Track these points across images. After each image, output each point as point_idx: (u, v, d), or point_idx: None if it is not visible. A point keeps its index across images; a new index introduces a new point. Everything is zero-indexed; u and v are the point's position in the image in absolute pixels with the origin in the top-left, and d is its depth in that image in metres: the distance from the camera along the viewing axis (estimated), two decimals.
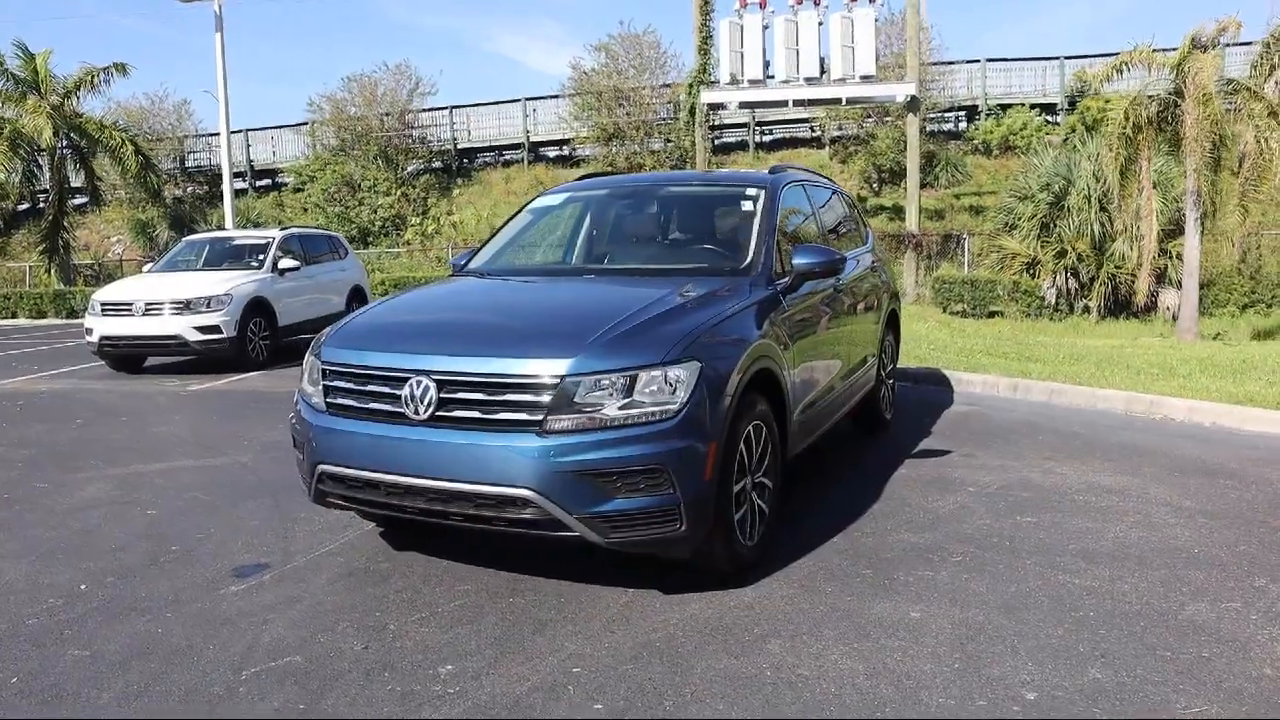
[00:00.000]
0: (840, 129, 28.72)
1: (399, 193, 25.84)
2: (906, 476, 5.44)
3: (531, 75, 69.92)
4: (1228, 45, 11.53)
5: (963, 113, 28.71)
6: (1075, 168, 18.82)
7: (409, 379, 3.49)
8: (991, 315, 18.61)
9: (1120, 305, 18.48)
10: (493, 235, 5.18)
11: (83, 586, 3.96)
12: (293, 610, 3.62)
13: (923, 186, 26.93)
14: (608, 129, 27.26)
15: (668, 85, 28.00)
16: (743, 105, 22.43)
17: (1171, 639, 3.28)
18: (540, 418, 3.32)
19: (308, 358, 4.05)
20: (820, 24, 20.91)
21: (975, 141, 27.41)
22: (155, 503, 5.23)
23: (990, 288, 18.86)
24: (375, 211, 25.39)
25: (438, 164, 28.09)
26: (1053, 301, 18.70)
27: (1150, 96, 11.61)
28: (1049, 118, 27.31)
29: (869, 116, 27.25)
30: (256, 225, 23.17)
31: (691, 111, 23.19)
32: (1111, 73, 12.22)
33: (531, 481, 3.27)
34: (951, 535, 4.40)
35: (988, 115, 27.57)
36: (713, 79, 22.49)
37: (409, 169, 27.21)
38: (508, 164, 29.37)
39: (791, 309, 4.39)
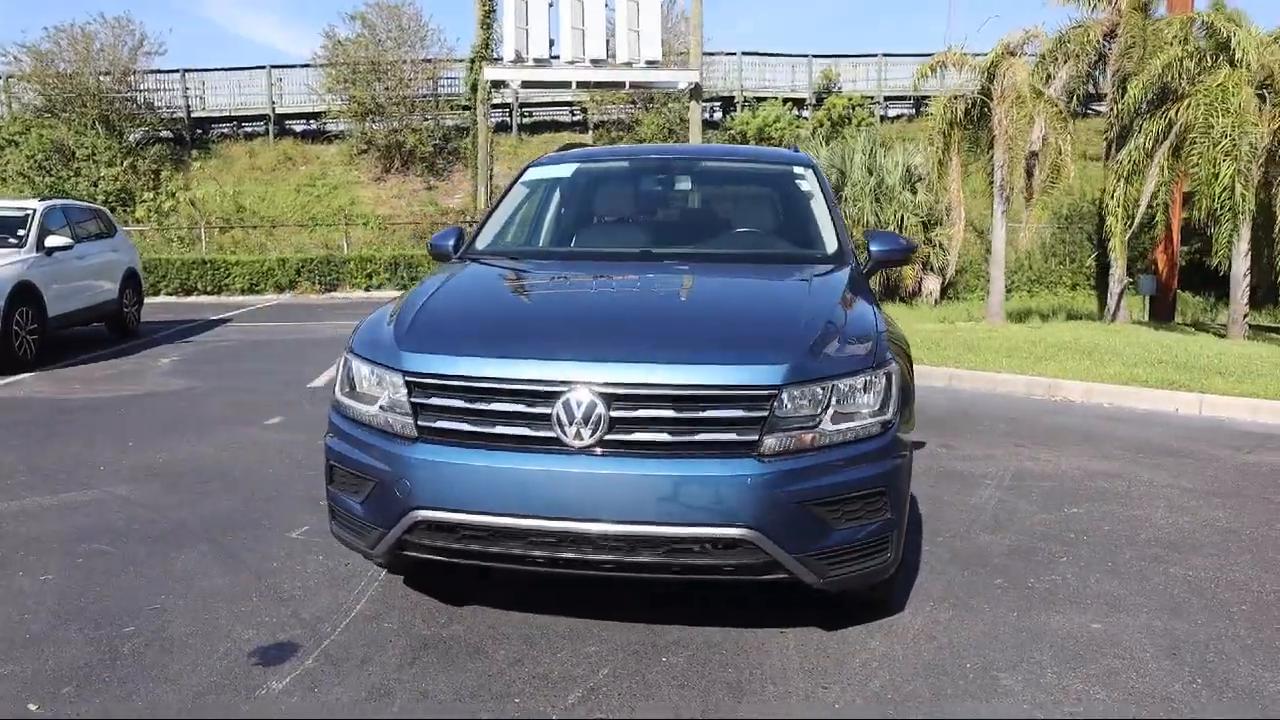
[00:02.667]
0: (606, 113, 28.64)
1: (126, 164, 22.41)
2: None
3: (246, 43, 63.97)
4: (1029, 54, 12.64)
5: (718, 103, 29.63)
6: (849, 160, 20.00)
7: (561, 394, 2.70)
8: None
9: (890, 290, 19.94)
10: (490, 214, 4.30)
11: (32, 706, 2.76)
12: (393, 708, 2.71)
13: None
14: (366, 104, 25.31)
15: (429, 60, 26.55)
16: (526, 84, 21.69)
17: None
18: (754, 438, 2.68)
19: (359, 365, 3.05)
20: (606, 5, 20.66)
21: (732, 131, 28.30)
22: (39, 561, 3.87)
23: None
24: (96, 184, 21.84)
25: (167, 133, 24.72)
26: None
27: (959, 96, 12.46)
28: (799, 112, 28.80)
29: (634, 102, 27.35)
30: None
31: (474, 88, 22.07)
32: (928, 72, 12.97)
33: (752, 518, 2.64)
34: (1029, 533, 4.23)
35: (744, 107, 28.62)
36: (495, 56, 21.53)
37: (134, 137, 23.71)
38: (250, 136, 26.50)
39: None
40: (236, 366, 9.33)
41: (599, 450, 2.68)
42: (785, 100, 28.27)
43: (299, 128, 27.26)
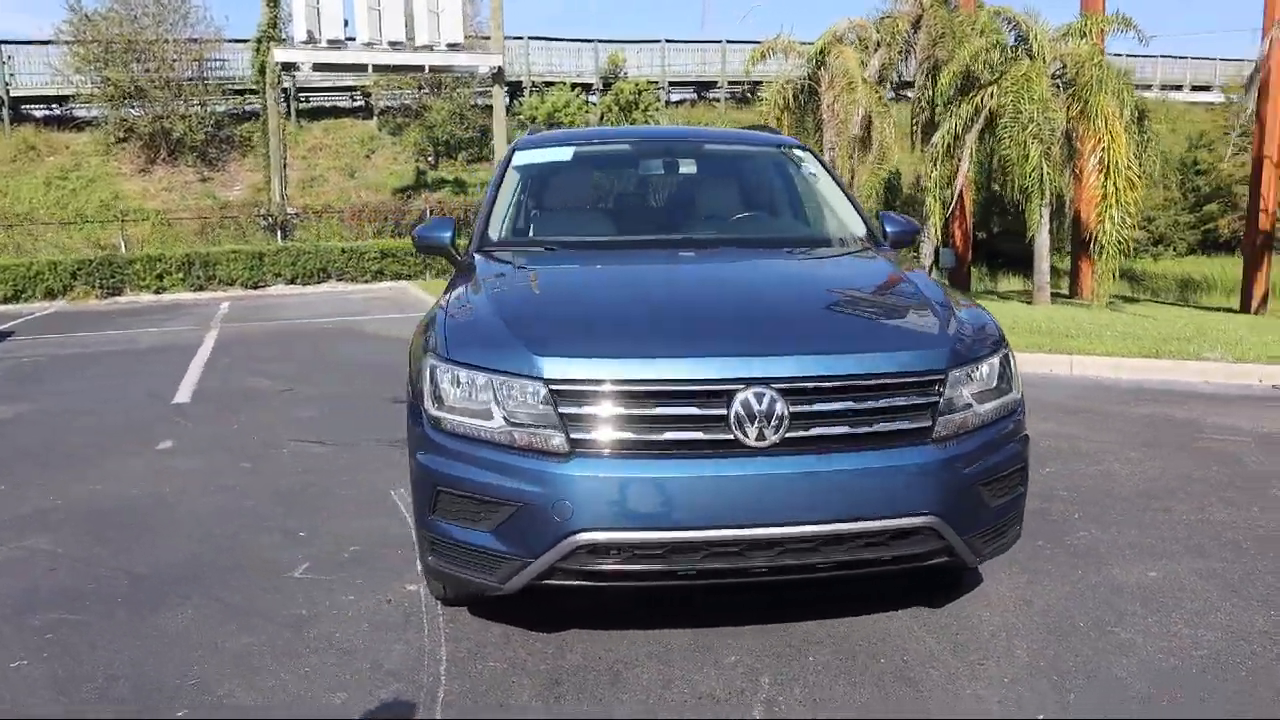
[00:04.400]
0: (392, 98, 27.45)
1: None
2: None
3: None
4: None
5: (505, 88, 29.14)
6: None
7: (736, 392, 2.53)
8: None
9: None
10: (491, 203, 3.94)
11: None
12: None
13: (480, 159, 26.92)
14: (123, 87, 22.75)
15: (196, 40, 24.28)
16: (318, 67, 20.30)
17: None
18: (928, 424, 2.64)
19: (457, 374, 2.69)
20: None
21: (521, 116, 27.92)
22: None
23: None
24: None
25: None
26: None
27: (789, 82, 12.97)
28: (588, 97, 28.83)
29: (421, 86, 26.37)
30: None
31: (262, 71, 20.36)
32: (758, 57, 13.37)
33: (934, 504, 2.60)
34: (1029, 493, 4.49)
35: (533, 91, 28.34)
36: (284, 36, 19.96)
37: None
38: None
39: None
40: (65, 386, 8.12)
41: (779, 449, 2.54)
42: (573, 85, 28.23)
43: (40, 113, 24.19)
